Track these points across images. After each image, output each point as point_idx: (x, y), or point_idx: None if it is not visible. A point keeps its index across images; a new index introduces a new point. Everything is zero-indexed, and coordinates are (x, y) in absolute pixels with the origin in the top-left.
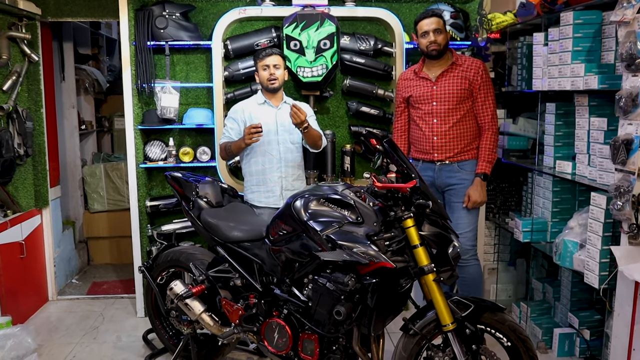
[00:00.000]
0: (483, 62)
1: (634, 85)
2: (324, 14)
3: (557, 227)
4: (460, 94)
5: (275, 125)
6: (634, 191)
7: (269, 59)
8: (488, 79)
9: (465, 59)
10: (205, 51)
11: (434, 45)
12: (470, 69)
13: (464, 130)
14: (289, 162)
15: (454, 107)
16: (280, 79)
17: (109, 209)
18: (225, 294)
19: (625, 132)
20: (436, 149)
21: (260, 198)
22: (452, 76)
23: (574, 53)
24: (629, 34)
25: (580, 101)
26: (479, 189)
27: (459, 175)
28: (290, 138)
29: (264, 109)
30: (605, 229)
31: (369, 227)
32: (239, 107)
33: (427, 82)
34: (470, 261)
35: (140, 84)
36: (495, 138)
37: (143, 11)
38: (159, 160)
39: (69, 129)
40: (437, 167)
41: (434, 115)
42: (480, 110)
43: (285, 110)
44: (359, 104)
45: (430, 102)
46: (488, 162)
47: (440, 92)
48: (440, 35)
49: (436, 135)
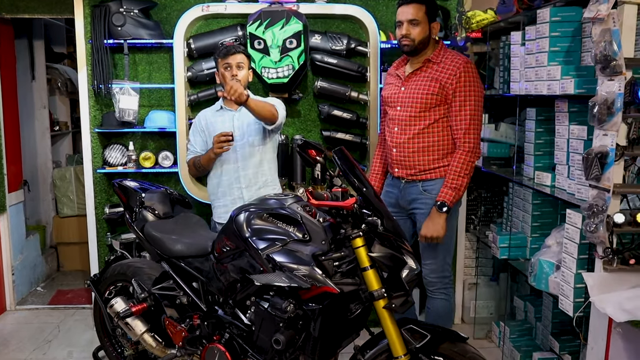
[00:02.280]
0: (467, 61)
1: (610, 91)
2: (291, 11)
3: (536, 242)
4: (426, 99)
5: (232, 129)
6: (609, 211)
7: (232, 58)
8: (470, 83)
9: (446, 57)
10: (168, 50)
11: (405, 39)
12: (446, 69)
13: (430, 144)
14: (249, 169)
15: (417, 114)
16: (244, 80)
17: (79, 214)
18: (171, 312)
19: (600, 144)
20: (396, 163)
21: (221, 213)
22: (422, 77)
23: (550, 54)
24: (603, 32)
25: (560, 107)
26: (433, 220)
27: (422, 198)
28: (250, 140)
29: (222, 114)
30: (581, 250)
31: (316, 246)
32: (198, 117)
33: (398, 81)
34: (435, 294)
35: (97, 84)
36: (467, 159)
37: (99, 7)
38: (119, 165)
39: (40, 130)
40: (401, 185)
41: (396, 122)
42: (455, 122)
43: (245, 112)
44: (330, 107)
45: (395, 106)
46: (450, 189)
47: (406, 95)
48: (416, 28)
49: (395, 146)
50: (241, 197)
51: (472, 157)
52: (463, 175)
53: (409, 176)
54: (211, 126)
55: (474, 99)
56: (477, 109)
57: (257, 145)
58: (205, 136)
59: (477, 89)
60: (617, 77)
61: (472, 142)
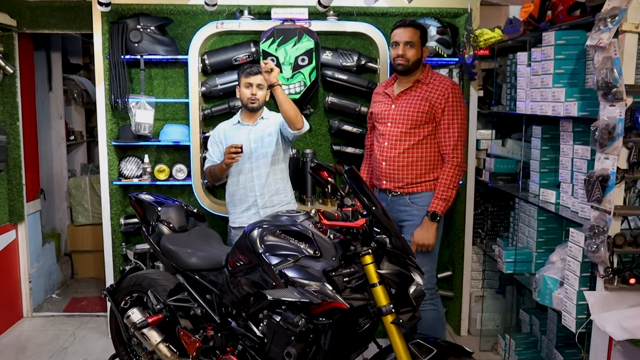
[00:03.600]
0: (454, 83)
1: (611, 116)
2: (303, 29)
3: (542, 258)
4: (417, 117)
5: (248, 141)
6: (610, 232)
7: (253, 78)
8: (456, 103)
9: (434, 78)
10: (183, 65)
11: (400, 59)
12: (435, 90)
13: (418, 159)
14: (262, 178)
15: (407, 131)
16: (262, 99)
17: (93, 222)
18: (185, 323)
19: (602, 167)
20: (384, 176)
21: (234, 218)
22: (413, 96)
23: (555, 76)
24: (605, 59)
25: (564, 126)
26: (424, 230)
27: (409, 210)
28: (264, 154)
29: (238, 129)
30: (584, 268)
31: (326, 262)
32: (217, 129)
33: (388, 99)
34: (424, 305)
35: (114, 99)
36: (455, 172)
37: (117, 24)
38: (134, 177)
39: (56, 140)
40: (389, 198)
41: (386, 137)
42: (443, 139)
43: (261, 127)
44: (340, 122)
45: (386, 123)
46: (441, 200)
47: (396, 113)
48: (411, 49)
49: (385, 160)
50: (255, 203)
51: (460, 171)
52: (452, 187)
53: (396, 189)
54: (228, 138)
55: (460, 117)
56: (463, 127)
57: (270, 156)
58: (222, 147)
59: (462, 109)
60: (618, 103)
61: (460, 158)
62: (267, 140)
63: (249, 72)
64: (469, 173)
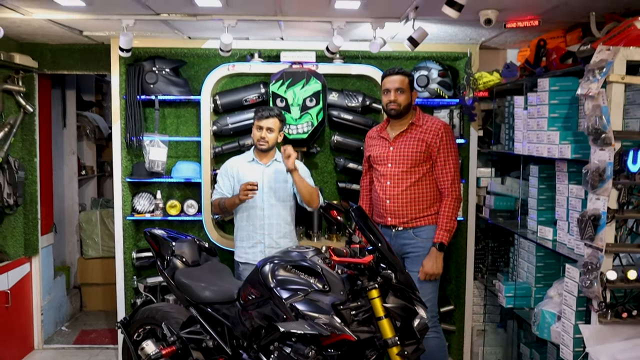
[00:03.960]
0: (446, 124)
1: (601, 160)
2: (310, 72)
3: (540, 292)
4: (416, 157)
5: (262, 183)
6: (602, 268)
7: (264, 122)
8: (450, 142)
9: (426, 120)
10: (195, 105)
11: (393, 104)
12: (429, 131)
13: (419, 195)
14: (273, 219)
15: (408, 169)
16: (271, 142)
17: (103, 256)
18: (197, 355)
19: (593, 207)
20: (389, 213)
21: (241, 253)
22: (409, 137)
23: (550, 120)
24: (594, 107)
25: (560, 167)
26: (433, 259)
27: (414, 242)
28: (276, 195)
29: (252, 166)
30: (579, 303)
31: (335, 296)
32: (229, 163)
33: (385, 142)
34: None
35: (129, 137)
36: (455, 205)
37: (134, 66)
38: (147, 212)
39: (68, 175)
40: (392, 233)
41: (387, 177)
42: (440, 175)
43: (274, 168)
44: (346, 161)
45: (386, 164)
46: (445, 231)
47: (396, 154)
48: (402, 95)
49: (389, 198)
50: (262, 242)
51: (459, 203)
52: (454, 219)
53: (401, 224)
54: (242, 174)
55: (454, 154)
56: (457, 163)
57: (282, 200)
58: (233, 182)
59: (455, 147)
60: (607, 148)
61: (458, 191)
62: (281, 185)
63: (260, 115)
64: (469, 210)
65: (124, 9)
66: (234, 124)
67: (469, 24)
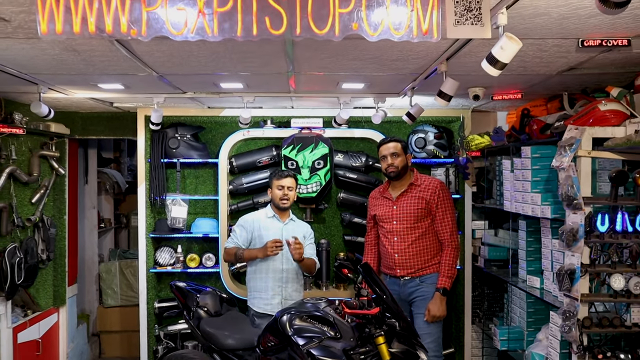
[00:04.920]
0: (441, 182)
1: (575, 222)
2: (319, 137)
3: (532, 335)
4: (418, 214)
5: (282, 238)
6: (579, 315)
7: (285, 180)
8: (446, 198)
9: (424, 180)
10: (213, 166)
11: (391, 167)
12: (427, 189)
13: (424, 247)
14: (290, 274)
15: (412, 225)
16: (292, 199)
17: (121, 304)
18: None
19: (569, 262)
20: (398, 265)
21: (261, 304)
22: (410, 196)
23: (533, 183)
24: (566, 177)
25: (544, 223)
26: (437, 303)
27: (420, 288)
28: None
29: (273, 222)
30: (563, 346)
31: (346, 342)
32: (250, 217)
33: (389, 202)
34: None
35: (153, 196)
36: (455, 253)
37: (158, 133)
38: (168, 265)
39: (88, 228)
40: (401, 282)
41: (394, 234)
42: (440, 228)
43: (291, 227)
44: (351, 216)
45: (391, 221)
46: (447, 277)
47: (400, 212)
48: (397, 158)
49: (397, 252)
50: (280, 294)
51: (458, 252)
52: (454, 267)
53: (409, 274)
54: (263, 229)
55: (450, 209)
56: (454, 216)
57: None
58: (250, 234)
59: (451, 202)
60: (579, 212)
61: (456, 241)
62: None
63: (280, 175)
64: (466, 259)
65: (156, 89)
66: (249, 183)
67: (461, 96)
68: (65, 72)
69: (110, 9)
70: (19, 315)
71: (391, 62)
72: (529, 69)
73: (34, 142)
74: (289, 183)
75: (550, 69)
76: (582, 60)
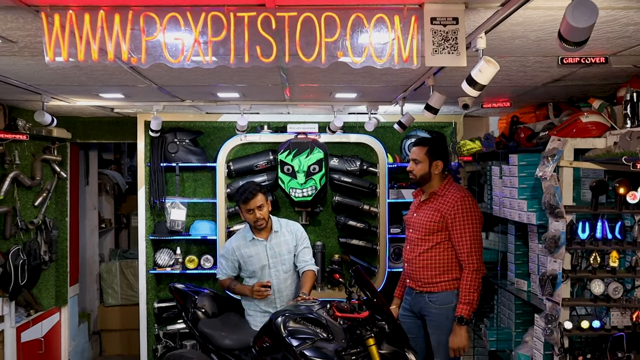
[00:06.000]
0: (465, 195)
1: (557, 229)
2: (314, 142)
3: (520, 336)
4: (430, 226)
5: (267, 259)
6: (560, 319)
7: (251, 203)
8: (467, 214)
9: (447, 190)
10: (211, 170)
11: (410, 174)
12: (446, 202)
13: (433, 262)
14: (282, 290)
15: (423, 237)
16: (266, 216)
17: (122, 303)
18: None
19: (552, 268)
20: (407, 275)
21: (256, 322)
22: (429, 206)
23: (519, 190)
24: (549, 187)
25: (531, 228)
26: (457, 335)
27: (428, 307)
28: (283, 268)
29: (254, 245)
30: (546, 347)
31: (337, 344)
32: (229, 245)
33: (414, 207)
34: None
35: (153, 200)
36: (473, 276)
37: (157, 138)
38: (167, 266)
39: (89, 229)
40: (413, 294)
41: (409, 241)
42: (457, 246)
43: (275, 240)
44: (346, 219)
45: (409, 228)
46: (465, 304)
47: (417, 221)
48: (417, 165)
49: (407, 261)
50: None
51: (478, 274)
52: (473, 291)
53: (417, 287)
54: (246, 256)
55: (471, 225)
56: (477, 233)
57: (288, 271)
58: (236, 262)
59: (474, 218)
60: (560, 220)
61: (476, 263)
62: (285, 257)
63: (245, 199)
64: None
65: (155, 98)
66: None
67: (452, 103)
68: (68, 84)
69: (112, 37)
70: (22, 315)
71: (381, 76)
72: (514, 82)
73: (36, 147)
74: (258, 203)
75: (534, 81)
76: (565, 74)
